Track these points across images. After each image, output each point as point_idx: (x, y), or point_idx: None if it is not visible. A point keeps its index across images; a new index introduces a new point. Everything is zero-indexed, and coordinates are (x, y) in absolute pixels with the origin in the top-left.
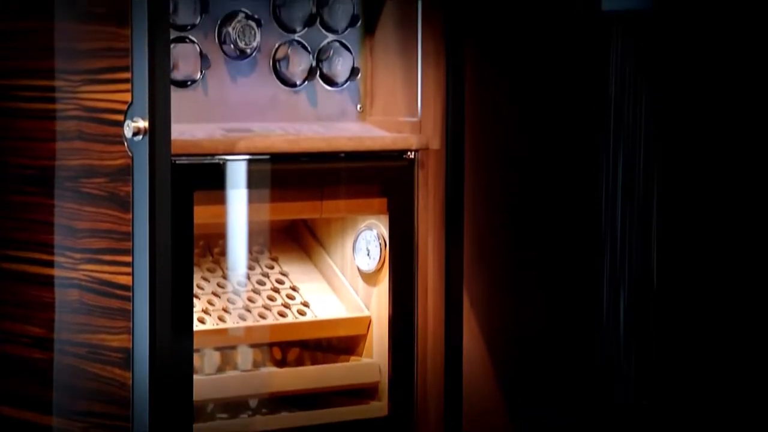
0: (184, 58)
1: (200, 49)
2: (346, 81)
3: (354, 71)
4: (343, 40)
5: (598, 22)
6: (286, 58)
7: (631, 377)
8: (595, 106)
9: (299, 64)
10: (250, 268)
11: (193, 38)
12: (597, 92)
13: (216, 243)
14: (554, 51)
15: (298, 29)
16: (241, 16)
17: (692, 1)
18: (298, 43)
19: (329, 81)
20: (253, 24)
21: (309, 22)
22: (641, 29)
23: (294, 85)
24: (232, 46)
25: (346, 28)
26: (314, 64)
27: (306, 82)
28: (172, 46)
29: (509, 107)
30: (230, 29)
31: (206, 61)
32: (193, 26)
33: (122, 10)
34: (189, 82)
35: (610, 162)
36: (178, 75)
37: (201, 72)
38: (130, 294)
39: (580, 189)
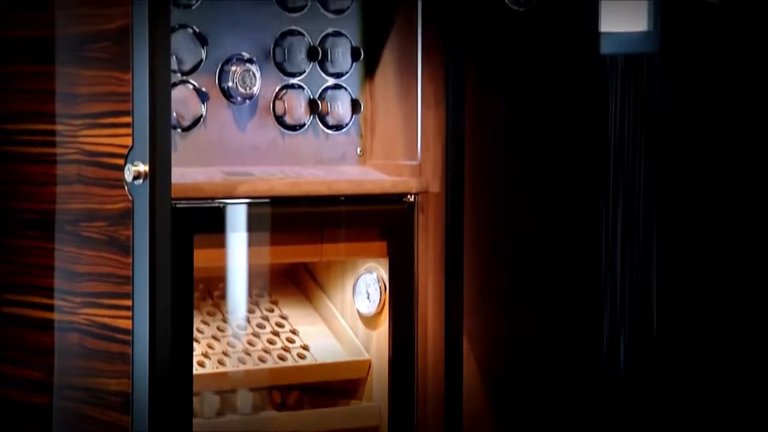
0: (184, 102)
1: (201, 93)
2: (346, 124)
3: (354, 113)
4: (344, 84)
5: (597, 65)
6: (287, 101)
7: (632, 417)
8: (594, 149)
9: (299, 108)
10: (250, 311)
11: (194, 82)
12: (596, 135)
13: (216, 286)
14: (554, 94)
15: (298, 73)
16: (241, 60)
17: (690, 45)
18: (299, 86)
19: (329, 124)
20: (254, 68)
21: (309, 66)
22: (639, 73)
23: (294, 129)
24: (232, 90)
25: (347, 72)
26: (314, 107)
27: (306, 126)
28: (172, 90)
29: (510, 149)
30: (231, 74)
31: (206, 107)
32: (194, 70)
33: (123, 54)
34: (189, 126)
35: (609, 205)
36: (178, 119)
37: (201, 115)
38: (130, 338)
39: (580, 232)
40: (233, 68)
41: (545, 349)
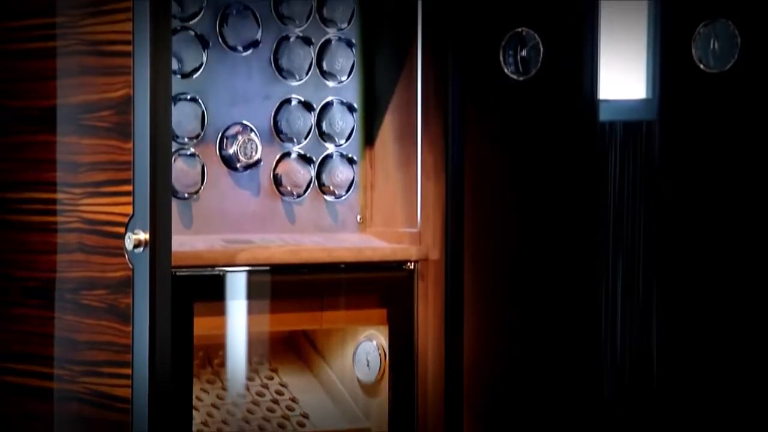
0: (185, 170)
1: (202, 161)
2: (346, 192)
3: (354, 183)
4: (344, 152)
5: (597, 132)
6: (287, 168)
7: None
8: (595, 213)
9: (299, 176)
10: (250, 379)
11: (195, 151)
12: (597, 200)
13: (216, 354)
14: (554, 161)
15: (298, 141)
16: (242, 129)
17: (688, 112)
18: (299, 154)
19: (329, 192)
20: (254, 136)
21: (309, 134)
22: (638, 140)
23: (294, 196)
24: (233, 158)
25: (347, 140)
26: (315, 175)
27: (306, 194)
28: (173, 158)
29: (510, 215)
30: (231, 142)
31: (207, 176)
32: (195, 138)
33: (125, 123)
34: (190, 195)
35: (609, 268)
36: (179, 187)
37: (201, 185)
38: (129, 407)
39: (580, 296)
40: (234, 137)
41: (547, 411)
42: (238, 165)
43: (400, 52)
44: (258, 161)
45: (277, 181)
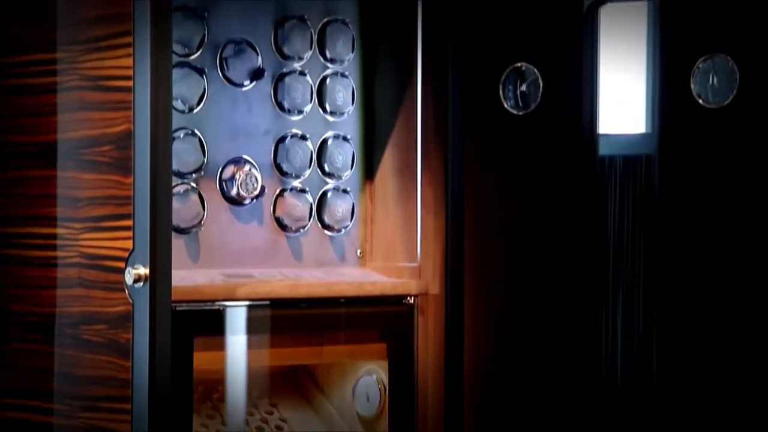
0: (185, 205)
1: (202, 196)
2: (346, 227)
3: (353, 218)
4: (344, 186)
5: (596, 166)
6: (287, 203)
7: None
8: (594, 247)
9: (299, 210)
10: (249, 413)
11: (195, 185)
12: (596, 234)
13: (215, 388)
14: (554, 194)
15: (298, 175)
16: (242, 164)
17: (687, 147)
18: (299, 189)
19: (329, 226)
20: (255, 172)
21: (309, 169)
22: (637, 174)
23: (294, 231)
24: (233, 192)
25: (346, 174)
26: (315, 209)
27: (306, 228)
28: (173, 192)
29: (510, 248)
30: (232, 177)
31: (207, 210)
32: (195, 173)
33: (125, 158)
34: (190, 229)
35: (609, 303)
36: (179, 221)
37: (201, 220)
38: None
39: (580, 330)
40: (234, 171)
41: None
42: (239, 199)
43: (399, 86)
44: (258, 196)
45: (277, 215)
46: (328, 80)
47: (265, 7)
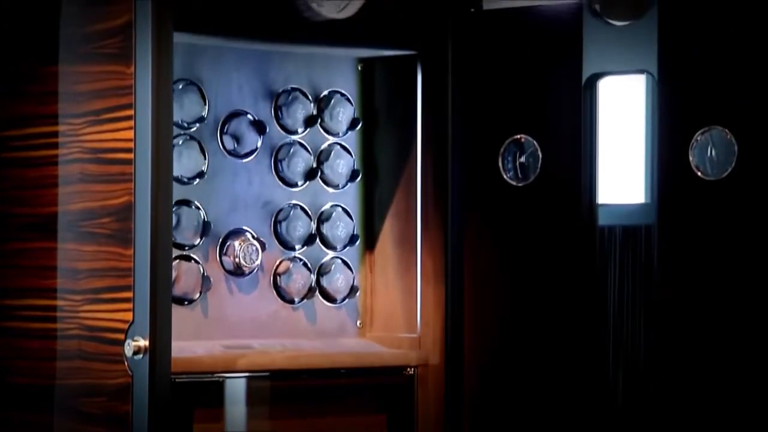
0: (185, 277)
1: (202, 267)
2: (346, 297)
3: (353, 288)
4: (344, 257)
5: (596, 236)
6: (287, 274)
7: None
8: (594, 318)
9: (299, 281)
10: None
11: (195, 257)
12: (596, 304)
13: None
14: (554, 264)
15: (298, 246)
16: (243, 235)
17: (686, 217)
18: (299, 259)
19: (329, 297)
20: (255, 243)
21: (309, 240)
22: (637, 244)
23: (294, 302)
24: (233, 264)
25: (346, 246)
26: (314, 280)
27: (306, 299)
28: (174, 264)
29: (509, 319)
30: (232, 248)
31: (207, 282)
32: (195, 244)
33: (125, 230)
34: (190, 300)
35: (610, 374)
36: (179, 293)
37: (202, 291)
38: None
39: (581, 403)
40: (234, 242)
41: None
42: (239, 270)
43: (399, 157)
44: (258, 267)
45: (277, 286)
46: (327, 151)
47: (266, 79)
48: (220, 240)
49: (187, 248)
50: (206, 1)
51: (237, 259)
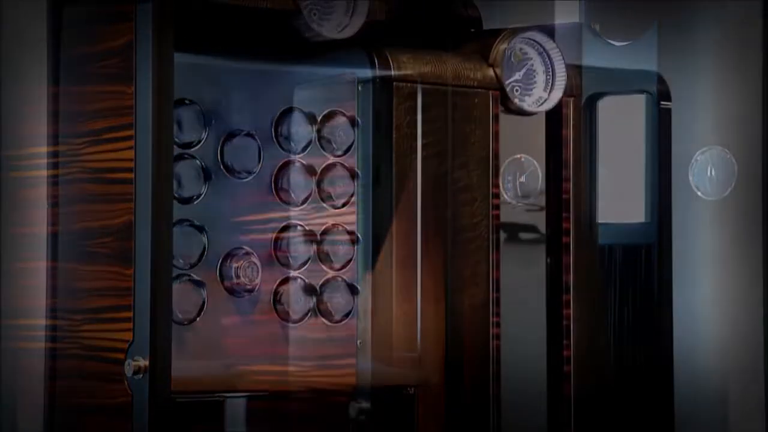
0: (185, 296)
1: (202, 287)
2: (346, 317)
3: (353, 308)
4: (344, 276)
5: (596, 255)
6: (287, 294)
7: None
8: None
9: (300, 300)
10: None
11: (195, 276)
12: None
13: None
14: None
15: (298, 266)
16: (243, 254)
17: (686, 236)
18: (299, 279)
19: (329, 316)
20: (255, 262)
21: (309, 259)
22: (637, 263)
23: (294, 321)
24: (233, 283)
25: (347, 264)
26: (315, 300)
27: (306, 318)
28: (173, 283)
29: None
30: (232, 267)
31: (207, 301)
32: (195, 264)
33: (125, 249)
34: (190, 320)
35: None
36: (179, 312)
37: (201, 310)
38: None
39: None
40: (234, 262)
41: None
42: (238, 290)
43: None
44: (258, 286)
45: (277, 305)
46: (327, 171)
47: (266, 98)
48: (220, 259)
49: (187, 268)
50: (207, 21)
51: (237, 279)
